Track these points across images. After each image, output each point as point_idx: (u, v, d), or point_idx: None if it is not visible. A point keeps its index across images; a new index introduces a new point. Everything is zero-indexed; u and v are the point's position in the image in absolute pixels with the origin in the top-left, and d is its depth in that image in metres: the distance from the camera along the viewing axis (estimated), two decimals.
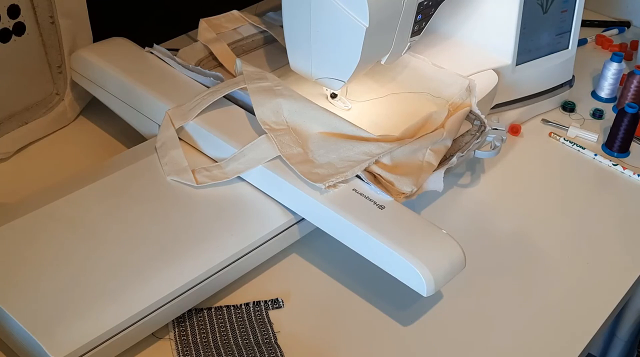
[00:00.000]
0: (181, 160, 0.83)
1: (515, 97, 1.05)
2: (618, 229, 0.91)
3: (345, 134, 0.81)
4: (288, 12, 0.87)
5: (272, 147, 0.80)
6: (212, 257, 0.74)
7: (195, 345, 0.72)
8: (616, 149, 1.02)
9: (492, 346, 0.76)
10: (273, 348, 0.72)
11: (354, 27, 0.80)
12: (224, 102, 0.87)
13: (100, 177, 0.80)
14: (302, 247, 0.84)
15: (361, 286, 0.80)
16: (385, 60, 0.88)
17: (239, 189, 0.81)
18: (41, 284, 0.68)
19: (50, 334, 0.64)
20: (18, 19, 0.89)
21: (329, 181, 0.76)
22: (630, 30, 1.35)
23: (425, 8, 0.86)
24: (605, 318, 0.80)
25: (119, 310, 0.67)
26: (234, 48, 1.01)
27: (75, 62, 0.96)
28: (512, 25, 0.98)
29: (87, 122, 1.01)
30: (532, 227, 0.90)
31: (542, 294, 0.82)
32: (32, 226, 0.74)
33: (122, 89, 0.91)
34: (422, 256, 0.71)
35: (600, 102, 1.14)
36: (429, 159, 0.81)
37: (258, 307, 0.76)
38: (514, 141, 1.04)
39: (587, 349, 0.77)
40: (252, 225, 0.78)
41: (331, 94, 0.94)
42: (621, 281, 0.84)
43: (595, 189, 0.98)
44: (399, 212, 0.75)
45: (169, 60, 0.94)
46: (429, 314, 0.78)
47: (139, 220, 0.76)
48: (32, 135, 0.95)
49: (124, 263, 0.71)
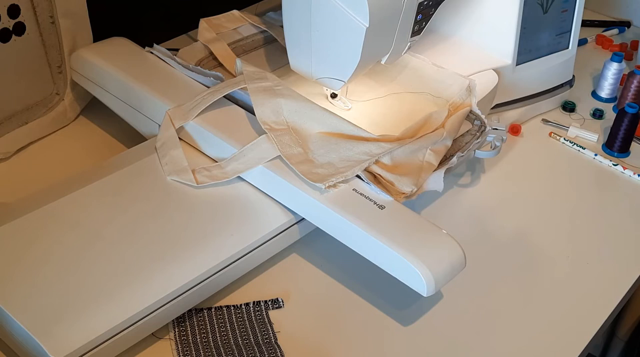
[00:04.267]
0: (181, 160, 0.83)
1: (515, 97, 1.05)
2: (618, 229, 0.91)
3: (345, 134, 0.81)
4: (288, 12, 0.87)
5: (272, 147, 0.80)
6: (212, 257, 0.74)
7: (195, 345, 0.72)
8: (616, 149, 1.02)
9: (492, 346, 0.76)
10: (273, 348, 0.72)
11: (354, 27, 0.80)
12: (224, 102, 0.87)
13: (100, 177, 0.80)
14: (302, 247, 0.84)
15: (361, 286, 0.80)
16: (385, 60, 0.88)
17: (239, 189, 0.81)
18: (41, 284, 0.68)
19: (50, 334, 0.64)
20: (18, 19, 0.89)
21: (329, 181, 0.76)
22: (631, 30, 1.35)
23: (425, 8, 0.86)
24: (605, 318, 0.80)
25: (119, 310, 0.67)
26: (234, 48, 1.01)
27: (75, 62, 0.96)
28: (512, 25, 0.98)
29: (87, 122, 1.01)
30: (532, 227, 0.90)
31: (542, 294, 0.82)
32: (32, 225, 0.74)
33: (122, 89, 0.91)
34: (422, 256, 0.71)
35: (600, 102, 1.14)
36: (429, 159, 0.81)
37: (258, 307, 0.76)
38: (514, 141, 1.04)
39: (587, 349, 0.77)
40: (252, 225, 0.78)
41: (331, 94, 0.94)
42: (621, 281, 0.84)
43: (595, 189, 0.98)
44: (399, 212, 0.75)
45: (169, 60, 0.94)
46: (429, 314, 0.78)
47: (139, 220, 0.76)
48: (32, 135, 0.95)
49: (124, 263, 0.71)
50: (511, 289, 0.82)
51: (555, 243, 0.88)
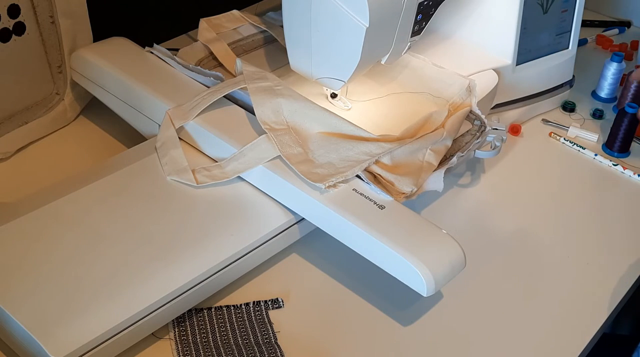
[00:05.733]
0: (181, 160, 0.83)
1: (515, 97, 1.05)
2: (618, 229, 0.91)
3: (346, 134, 0.81)
4: (288, 12, 0.87)
5: (272, 147, 0.80)
6: (212, 257, 0.74)
7: (195, 345, 0.72)
8: (616, 149, 1.02)
9: (492, 346, 0.76)
10: (273, 348, 0.72)
11: (354, 27, 0.80)
12: (224, 102, 0.87)
13: (101, 177, 0.80)
14: (302, 247, 0.84)
15: (361, 286, 0.80)
16: (386, 60, 0.88)
17: (239, 189, 0.81)
18: (41, 284, 0.68)
19: (50, 334, 0.64)
20: (18, 19, 0.89)
21: (329, 181, 0.76)
22: (631, 30, 1.35)
23: (425, 8, 0.86)
24: (605, 318, 0.80)
25: (119, 310, 0.67)
26: (234, 48, 1.01)
27: (75, 62, 0.96)
28: (512, 25, 0.98)
29: (87, 122, 1.01)
30: (532, 227, 0.90)
31: (542, 294, 0.82)
32: (32, 225, 0.74)
33: (122, 89, 0.91)
34: (422, 256, 0.71)
35: (600, 102, 1.14)
36: (429, 159, 0.81)
37: (258, 307, 0.76)
38: (514, 141, 1.04)
39: (587, 349, 0.77)
40: (252, 225, 0.78)
41: (331, 94, 0.94)
42: (621, 281, 0.84)
43: (595, 189, 0.98)
44: (399, 212, 0.75)
45: (169, 60, 0.94)
46: (429, 314, 0.78)
47: (139, 220, 0.76)
48: (32, 135, 0.95)
49: (124, 263, 0.71)
50: (511, 289, 0.82)
51: (555, 243, 0.88)
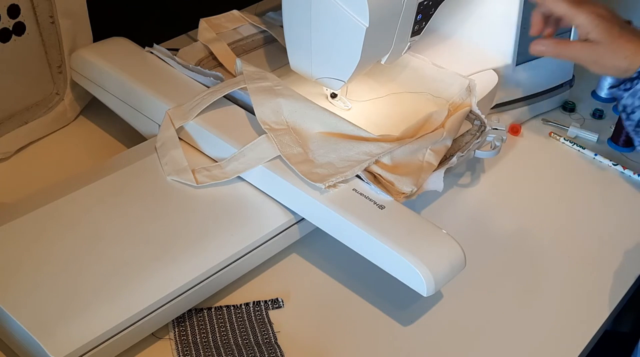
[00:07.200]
0: (181, 160, 0.83)
1: (515, 97, 1.05)
2: (618, 229, 0.91)
3: (345, 134, 0.81)
4: (288, 12, 0.87)
5: (272, 147, 0.80)
6: (212, 257, 0.74)
7: (195, 345, 0.72)
8: (622, 143, 1.03)
9: (492, 346, 0.76)
10: (273, 348, 0.72)
11: (354, 27, 0.80)
12: (224, 102, 0.87)
13: (100, 177, 0.80)
14: (302, 247, 0.84)
15: (361, 286, 0.80)
16: (385, 60, 0.88)
17: (239, 189, 0.81)
18: (41, 284, 0.68)
19: (50, 334, 0.64)
20: (18, 19, 0.89)
21: (329, 181, 0.76)
22: None
23: (425, 8, 0.86)
24: (605, 318, 0.80)
25: (119, 310, 0.67)
26: (234, 48, 1.01)
27: (75, 62, 0.96)
28: (512, 25, 0.98)
29: (87, 122, 1.01)
30: (532, 227, 0.90)
31: (542, 294, 0.82)
32: (32, 225, 0.74)
33: (122, 89, 0.91)
34: (422, 256, 0.71)
35: (600, 102, 1.14)
36: (429, 159, 0.81)
37: (258, 307, 0.76)
38: (514, 141, 1.04)
39: (588, 347, 0.77)
40: (252, 225, 0.78)
41: (331, 94, 0.94)
42: (621, 281, 0.84)
43: (595, 189, 0.98)
44: (399, 212, 0.75)
45: (169, 60, 0.94)
46: (429, 314, 0.78)
47: (139, 220, 0.76)
48: (32, 135, 0.95)
49: (124, 263, 0.71)
50: (511, 289, 0.82)
51: (555, 243, 0.88)
